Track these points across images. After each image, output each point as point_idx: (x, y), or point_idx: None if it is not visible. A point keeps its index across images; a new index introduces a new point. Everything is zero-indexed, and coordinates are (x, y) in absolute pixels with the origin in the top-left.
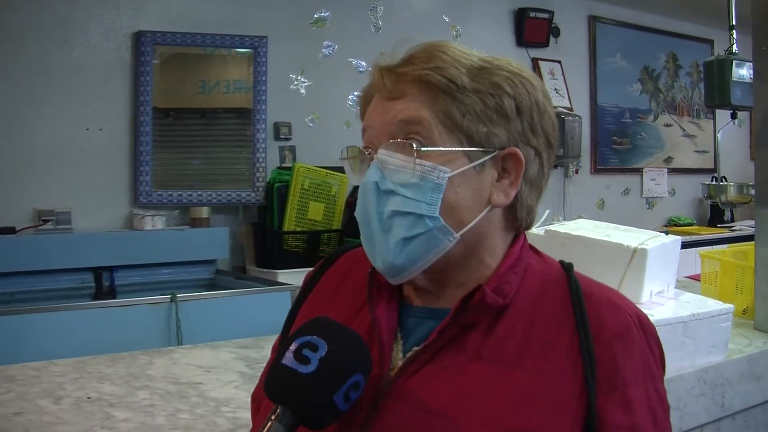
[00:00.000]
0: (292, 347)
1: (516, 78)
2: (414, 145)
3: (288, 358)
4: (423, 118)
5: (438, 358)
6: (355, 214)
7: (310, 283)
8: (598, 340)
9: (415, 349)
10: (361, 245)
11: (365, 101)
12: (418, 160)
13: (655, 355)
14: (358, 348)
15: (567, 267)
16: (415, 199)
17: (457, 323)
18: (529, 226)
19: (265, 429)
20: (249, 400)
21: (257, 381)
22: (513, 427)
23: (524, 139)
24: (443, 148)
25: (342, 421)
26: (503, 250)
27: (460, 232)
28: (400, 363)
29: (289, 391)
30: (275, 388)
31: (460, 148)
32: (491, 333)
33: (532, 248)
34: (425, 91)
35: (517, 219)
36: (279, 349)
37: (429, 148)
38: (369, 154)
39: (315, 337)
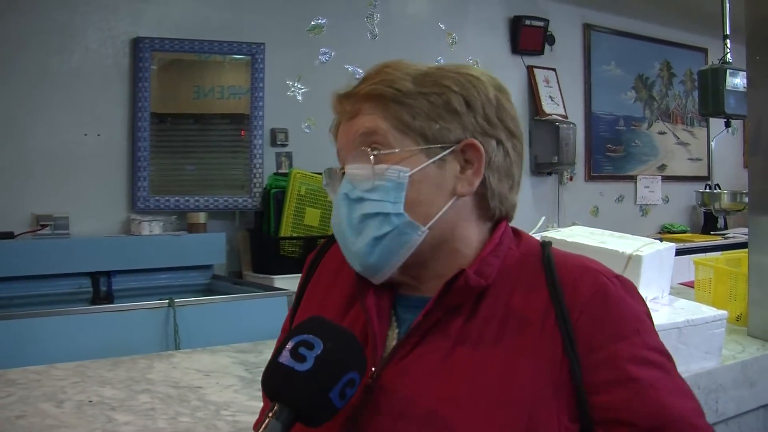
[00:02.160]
0: (289, 346)
1: (462, 77)
2: (370, 150)
3: (285, 357)
4: (378, 128)
5: (425, 342)
6: (331, 225)
7: (312, 266)
8: (574, 305)
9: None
10: None
11: (336, 132)
12: (376, 166)
13: (641, 308)
14: (352, 346)
15: (544, 244)
16: (379, 200)
17: (441, 306)
18: (506, 216)
19: (264, 426)
20: (249, 404)
21: (257, 385)
22: (497, 403)
23: (481, 130)
24: (398, 150)
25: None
26: (479, 239)
27: (428, 225)
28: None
29: (286, 389)
30: (273, 386)
31: (416, 147)
32: (473, 316)
33: (515, 231)
34: (377, 103)
35: (489, 208)
36: (277, 348)
37: (384, 152)
38: (341, 171)
39: (311, 335)
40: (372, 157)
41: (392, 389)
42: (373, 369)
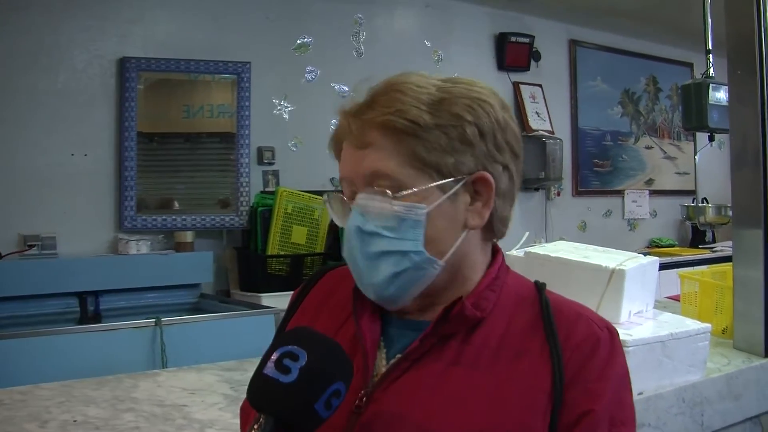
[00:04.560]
0: (274, 357)
1: (475, 103)
2: (389, 192)
3: (269, 368)
4: (391, 168)
5: (418, 366)
6: (343, 254)
7: (294, 304)
8: (567, 344)
9: (398, 356)
10: (342, 265)
11: (337, 142)
12: (395, 202)
13: (622, 366)
14: (338, 356)
15: (540, 287)
16: (398, 238)
17: (437, 333)
18: (503, 234)
19: None
20: (233, 421)
21: (241, 402)
22: (488, 426)
23: (490, 158)
24: (416, 189)
25: (325, 427)
26: (484, 263)
27: (444, 259)
28: (383, 370)
29: (271, 401)
30: (257, 397)
31: (432, 184)
32: (468, 342)
33: (509, 268)
34: (390, 135)
35: (493, 231)
36: (262, 359)
37: (402, 192)
38: (349, 199)
39: (295, 346)
40: (390, 198)
41: (381, 412)
42: (363, 391)
